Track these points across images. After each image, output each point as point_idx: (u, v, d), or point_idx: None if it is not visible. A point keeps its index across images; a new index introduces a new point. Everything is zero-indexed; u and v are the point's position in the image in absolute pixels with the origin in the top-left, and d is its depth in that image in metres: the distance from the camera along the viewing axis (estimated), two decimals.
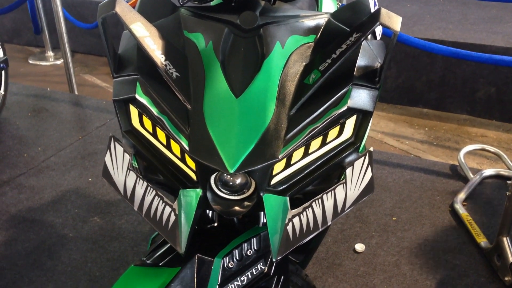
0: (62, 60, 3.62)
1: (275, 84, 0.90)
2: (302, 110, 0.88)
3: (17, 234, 2.10)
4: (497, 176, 2.42)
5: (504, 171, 2.42)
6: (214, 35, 0.96)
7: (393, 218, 2.18)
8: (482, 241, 1.96)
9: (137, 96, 0.89)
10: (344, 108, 0.87)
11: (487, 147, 2.62)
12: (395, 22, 0.87)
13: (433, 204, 2.27)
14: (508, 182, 2.02)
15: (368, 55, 0.95)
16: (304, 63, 0.94)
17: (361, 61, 0.92)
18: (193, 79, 0.92)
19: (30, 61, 4.68)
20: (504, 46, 3.33)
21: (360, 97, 0.89)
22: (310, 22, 1.00)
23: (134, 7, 1.28)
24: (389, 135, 3.36)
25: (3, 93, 3.00)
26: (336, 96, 0.88)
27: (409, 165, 2.59)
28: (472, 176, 2.40)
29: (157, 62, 0.89)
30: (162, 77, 0.90)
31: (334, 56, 0.88)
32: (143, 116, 0.91)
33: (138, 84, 0.91)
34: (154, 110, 0.88)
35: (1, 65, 2.92)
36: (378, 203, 2.30)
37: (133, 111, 0.92)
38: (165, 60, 0.90)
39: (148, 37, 0.90)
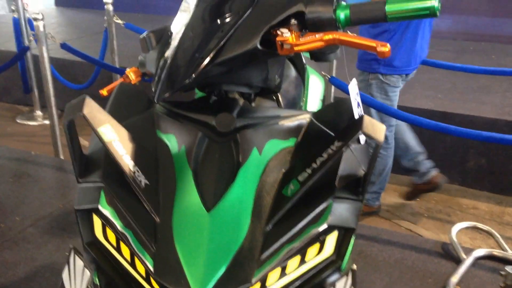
0: None
1: (250, 196, 0.84)
2: (279, 226, 0.81)
3: None
4: (490, 257, 2.34)
5: (497, 252, 2.34)
6: (188, 138, 0.90)
7: None
8: None
9: (100, 207, 0.83)
10: (324, 226, 0.80)
11: (479, 225, 2.55)
12: (378, 131, 0.82)
13: (426, 287, 2.17)
14: (502, 273, 1.94)
15: (350, 162, 0.89)
16: (283, 170, 0.88)
17: (343, 170, 0.87)
18: (163, 187, 0.85)
19: (18, 120, 4.63)
20: (493, 117, 3.33)
21: (342, 212, 0.83)
22: (290, 124, 0.95)
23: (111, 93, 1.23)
24: None
25: None
26: (316, 212, 0.81)
27: (400, 242, 2.50)
28: (464, 256, 2.32)
29: (125, 169, 0.83)
30: (130, 185, 0.83)
31: (314, 166, 0.83)
32: (107, 227, 0.84)
33: (102, 193, 0.84)
34: (118, 224, 0.81)
35: None
36: (368, 284, 2.19)
37: (97, 221, 0.85)
38: (134, 167, 0.84)
39: (117, 141, 0.84)
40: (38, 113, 4.64)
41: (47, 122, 4.54)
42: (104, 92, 1.26)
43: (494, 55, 4.95)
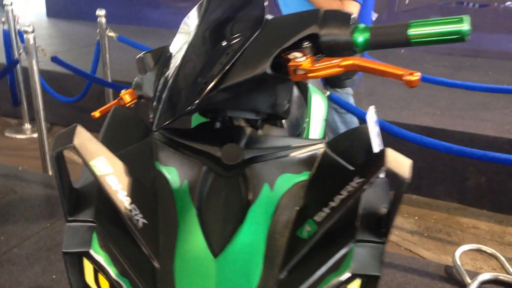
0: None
1: (262, 239, 0.75)
2: (294, 273, 0.72)
3: None
4: (495, 281, 2.26)
5: (502, 276, 2.26)
6: (191, 172, 0.81)
7: None
8: None
9: (92, 251, 0.73)
10: (347, 275, 0.71)
11: (483, 248, 2.47)
12: (403, 166, 0.73)
13: None
14: None
15: (370, 199, 0.80)
16: (297, 208, 0.79)
17: (363, 208, 0.78)
18: (164, 228, 0.76)
19: (6, 134, 4.52)
20: (494, 135, 3.27)
21: (365, 258, 0.74)
22: (303, 156, 0.86)
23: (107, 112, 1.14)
24: None
25: None
26: (336, 258, 0.72)
27: (402, 265, 2.42)
28: (469, 280, 2.23)
29: (120, 207, 0.74)
30: (126, 225, 0.74)
31: (332, 204, 0.74)
32: (100, 273, 0.75)
33: (95, 235, 0.75)
34: (112, 271, 0.72)
35: None
36: None
37: (88, 266, 0.76)
38: (131, 204, 0.75)
39: (111, 175, 0.75)
40: (27, 126, 4.53)
41: (35, 135, 4.43)
42: (96, 114, 1.17)
43: (491, 71, 4.92)
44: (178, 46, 0.94)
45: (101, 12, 3.91)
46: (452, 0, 5.51)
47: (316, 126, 1.69)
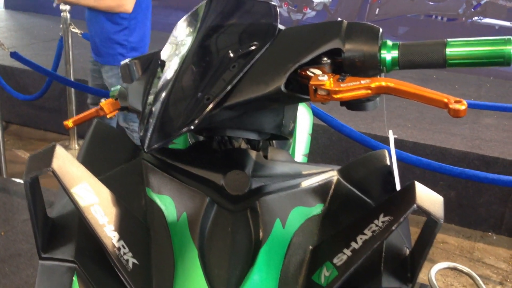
0: None
1: (273, 285, 0.64)
2: None
3: None
4: None
5: None
6: (190, 203, 0.70)
7: None
8: None
9: None
10: None
11: (460, 267, 2.44)
12: (435, 204, 0.65)
13: None
14: None
15: (391, 238, 0.71)
16: (311, 247, 0.69)
17: (387, 250, 0.69)
18: (158, 270, 0.65)
19: None
20: (465, 150, 3.27)
21: None
22: (316, 185, 0.76)
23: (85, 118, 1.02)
24: None
25: None
26: None
27: None
28: None
29: (107, 244, 0.62)
30: (113, 266, 0.62)
31: (354, 246, 0.64)
32: None
33: (75, 278, 0.63)
34: None
35: None
36: None
37: None
38: (119, 240, 0.63)
39: (96, 205, 0.63)
40: None
41: None
42: (69, 123, 1.04)
43: (457, 84, 4.98)
44: (171, 53, 0.83)
45: (65, 7, 3.70)
46: (421, 13, 5.56)
47: (301, 141, 1.60)
